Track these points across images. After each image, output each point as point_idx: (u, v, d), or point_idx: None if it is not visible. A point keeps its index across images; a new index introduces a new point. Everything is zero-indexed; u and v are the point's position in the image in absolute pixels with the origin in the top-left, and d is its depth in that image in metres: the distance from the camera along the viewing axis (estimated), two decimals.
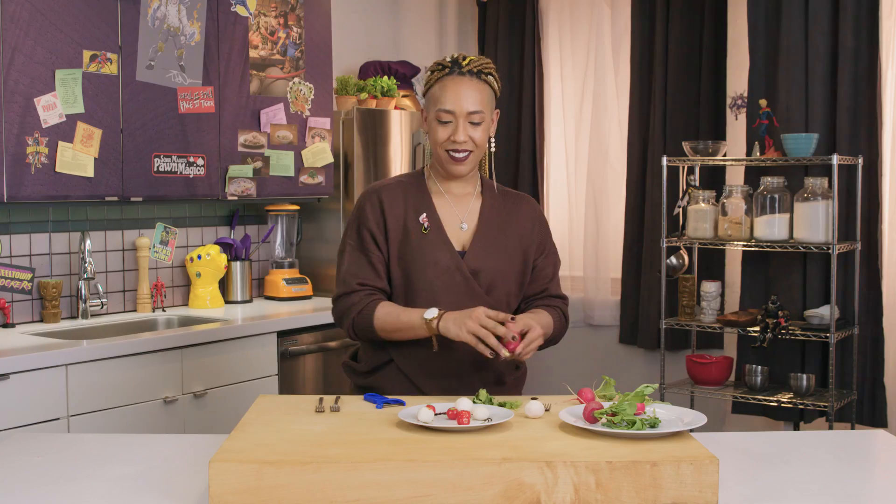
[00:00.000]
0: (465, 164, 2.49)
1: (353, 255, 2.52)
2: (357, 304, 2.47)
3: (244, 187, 4.14)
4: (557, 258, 2.68)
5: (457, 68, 2.46)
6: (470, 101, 2.44)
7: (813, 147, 4.22)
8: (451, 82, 2.46)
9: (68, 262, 3.94)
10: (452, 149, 2.46)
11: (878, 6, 4.26)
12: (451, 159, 2.48)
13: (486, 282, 2.50)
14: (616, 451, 1.87)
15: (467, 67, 2.46)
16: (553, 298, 2.62)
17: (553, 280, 2.64)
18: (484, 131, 2.48)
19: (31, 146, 3.46)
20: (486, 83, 2.48)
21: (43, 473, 2.07)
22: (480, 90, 2.46)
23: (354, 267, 2.51)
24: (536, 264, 2.61)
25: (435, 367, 2.47)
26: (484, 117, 2.46)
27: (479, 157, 2.51)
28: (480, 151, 2.51)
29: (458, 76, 2.46)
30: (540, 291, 2.61)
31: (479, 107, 2.45)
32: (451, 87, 2.45)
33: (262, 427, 2.07)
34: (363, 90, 4.72)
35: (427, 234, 2.50)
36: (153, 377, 3.48)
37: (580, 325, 5.43)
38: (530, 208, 2.64)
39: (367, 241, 2.51)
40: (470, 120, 2.45)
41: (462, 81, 2.45)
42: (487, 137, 2.52)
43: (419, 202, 2.54)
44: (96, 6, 3.62)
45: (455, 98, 2.44)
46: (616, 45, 5.25)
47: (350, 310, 2.48)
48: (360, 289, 2.49)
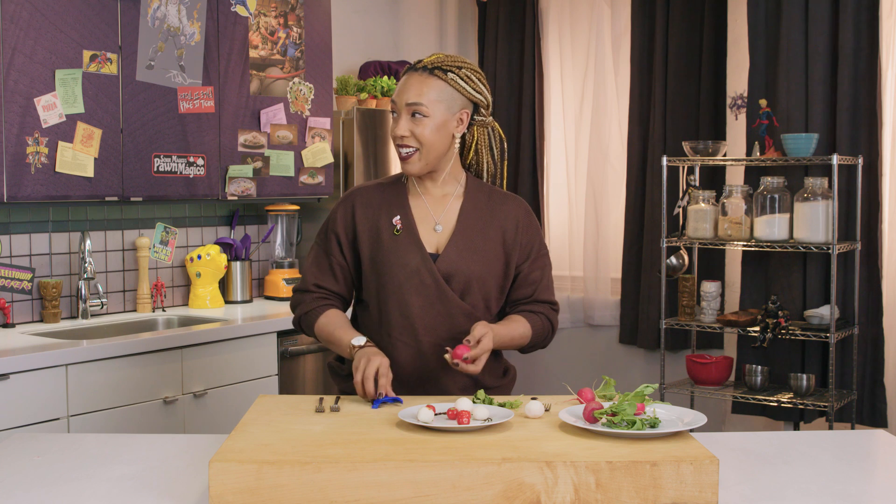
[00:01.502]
0: (411, 163, 2.42)
1: (317, 256, 2.56)
2: (306, 305, 2.53)
3: (244, 187, 4.14)
4: (547, 261, 2.57)
5: (417, 64, 2.44)
6: (412, 92, 2.38)
7: (813, 147, 4.22)
8: (405, 77, 2.44)
9: (68, 262, 3.94)
10: (397, 143, 2.43)
11: (878, 6, 4.26)
12: (399, 156, 2.45)
13: (459, 285, 2.44)
14: (616, 451, 1.87)
15: (422, 64, 2.42)
16: (539, 304, 2.53)
17: (541, 284, 2.53)
18: (430, 128, 2.38)
19: (31, 146, 3.46)
20: (441, 78, 2.39)
21: (43, 473, 2.07)
22: (429, 84, 2.38)
23: (315, 268, 2.55)
24: (522, 269, 2.52)
25: (406, 372, 2.46)
26: (428, 111, 2.37)
27: (430, 156, 2.42)
28: (431, 150, 2.41)
29: (413, 71, 2.43)
30: (527, 297, 2.52)
31: (419, 99, 2.37)
32: (402, 81, 2.43)
33: (262, 427, 2.07)
34: (363, 90, 4.72)
35: (398, 236, 2.46)
36: (153, 377, 3.48)
37: (580, 325, 5.43)
38: (515, 208, 2.54)
39: (333, 245, 2.52)
40: (411, 111, 2.38)
41: (412, 76, 2.41)
42: (443, 135, 2.41)
43: (395, 204, 2.50)
44: (96, 6, 3.62)
45: (400, 90, 2.41)
46: (616, 45, 5.25)
47: (300, 307, 2.55)
48: (315, 290, 2.53)
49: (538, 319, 2.52)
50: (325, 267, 2.53)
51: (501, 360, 2.61)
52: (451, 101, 2.41)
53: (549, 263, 2.59)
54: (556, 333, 2.61)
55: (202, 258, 4.23)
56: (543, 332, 2.54)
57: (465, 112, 2.45)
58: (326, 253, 2.53)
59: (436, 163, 2.45)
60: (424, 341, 2.44)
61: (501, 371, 2.60)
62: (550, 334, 2.58)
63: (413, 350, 2.44)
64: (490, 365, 2.51)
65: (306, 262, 2.58)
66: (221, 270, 4.29)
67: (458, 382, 2.47)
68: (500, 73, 5.51)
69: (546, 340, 2.57)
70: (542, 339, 2.55)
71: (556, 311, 2.57)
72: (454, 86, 2.41)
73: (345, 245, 2.51)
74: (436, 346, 2.44)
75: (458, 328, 2.44)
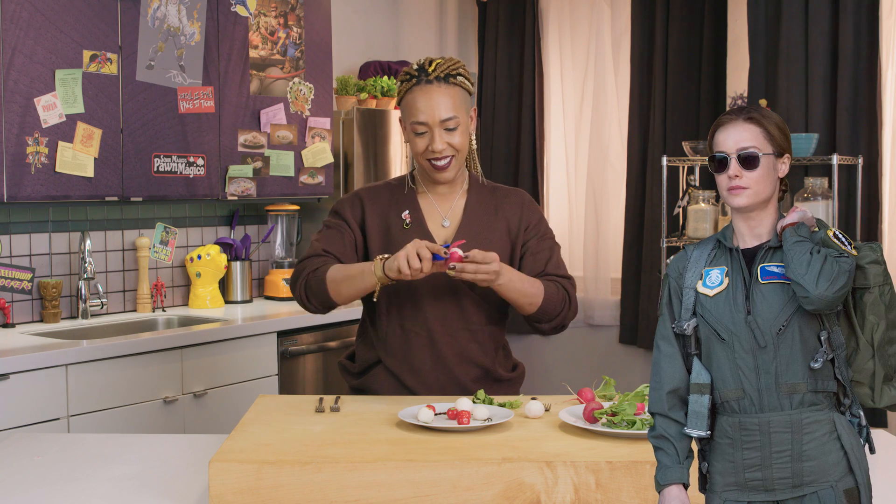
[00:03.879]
0: (449, 171, 2.47)
1: (325, 232, 2.54)
2: (314, 265, 2.47)
3: (244, 187, 4.15)
4: (555, 243, 2.58)
5: (424, 76, 2.42)
6: (442, 108, 2.40)
7: (813, 147, 4.22)
8: (421, 92, 2.42)
9: (68, 262, 3.94)
10: (433, 158, 2.44)
11: (878, 6, 4.25)
12: (433, 168, 2.46)
13: None
14: (616, 451, 1.87)
15: (434, 73, 2.42)
16: (553, 276, 2.51)
17: (552, 261, 2.53)
18: (462, 134, 2.44)
19: (31, 146, 3.46)
20: (457, 85, 2.44)
21: (43, 473, 2.07)
22: (451, 94, 2.42)
23: (324, 240, 2.52)
24: (529, 246, 2.53)
25: (419, 362, 2.47)
26: (459, 121, 2.43)
27: (462, 159, 2.49)
28: (462, 154, 2.48)
29: (427, 84, 2.42)
30: (539, 271, 2.51)
31: (452, 112, 2.41)
32: (421, 97, 2.41)
33: (262, 427, 2.07)
34: (363, 90, 4.72)
35: (408, 230, 2.49)
36: (153, 377, 3.49)
37: (580, 325, 5.43)
38: (518, 198, 2.59)
39: (342, 223, 2.53)
40: (445, 126, 2.41)
41: (431, 90, 2.41)
42: (468, 138, 2.48)
43: (402, 201, 2.54)
44: (96, 6, 3.62)
45: (427, 108, 2.40)
46: (616, 45, 5.25)
47: (305, 269, 2.48)
48: (324, 254, 2.49)
49: (552, 285, 2.48)
50: (334, 237, 2.52)
51: (511, 355, 2.66)
52: (467, 103, 2.48)
53: (558, 245, 2.59)
54: (575, 312, 2.52)
55: (202, 258, 4.23)
56: (559, 297, 2.47)
57: (474, 109, 2.53)
58: (335, 228, 2.53)
59: (462, 164, 2.52)
60: (436, 331, 2.46)
61: (511, 366, 2.63)
62: (568, 307, 2.50)
63: (425, 340, 2.47)
64: (500, 358, 2.56)
65: (311, 241, 2.56)
66: (221, 270, 4.29)
67: (471, 373, 2.49)
68: (500, 73, 5.51)
69: (564, 312, 2.49)
70: (557, 307, 2.47)
71: (574, 285, 2.53)
72: (466, 88, 2.48)
73: (353, 227, 2.53)
74: (448, 336, 2.46)
75: (469, 318, 2.48)
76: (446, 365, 2.47)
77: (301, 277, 2.48)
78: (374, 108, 4.72)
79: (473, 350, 2.49)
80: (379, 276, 2.34)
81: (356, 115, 4.55)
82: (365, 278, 2.37)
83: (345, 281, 2.40)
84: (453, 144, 2.43)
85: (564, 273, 2.54)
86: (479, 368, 2.51)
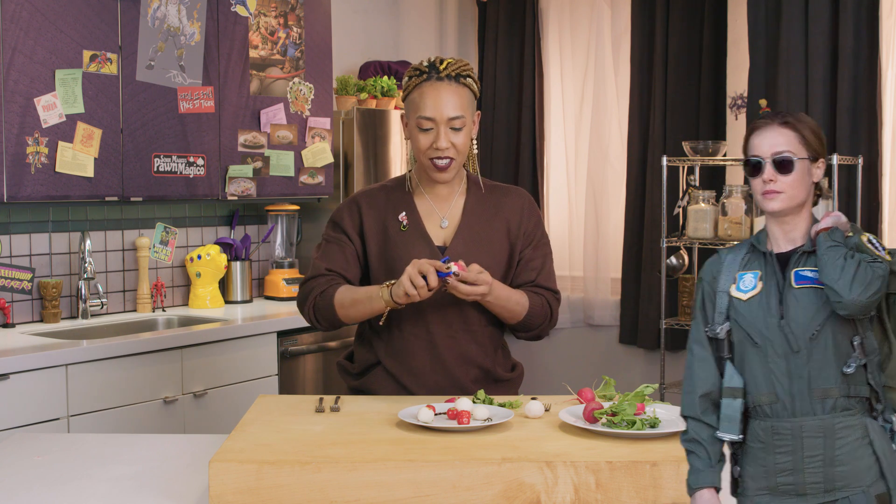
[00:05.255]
0: (449, 172, 2.47)
1: (326, 248, 2.54)
2: (320, 286, 2.48)
3: (244, 187, 4.15)
4: (549, 250, 2.60)
5: (434, 73, 2.43)
6: (450, 106, 2.41)
7: None
8: (430, 88, 2.42)
9: (68, 262, 3.94)
10: (435, 156, 2.44)
11: (878, 6, 4.26)
12: (434, 167, 2.46)
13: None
14: (616, 451, 1.87)
15: (445, 72, 2.42)
16: (541, 289, 2.55)
17: (543, 272, 2.56)
18: (465, 135, 2.45)
19: (31, 146, 3.46)
20: (465, 86, 2.45)
21: (43, 473, 2.07)
22: (460, 94, 2.43)
23: (325, 257, 2.53)
24: (524, 255, 2.55)
25: (418, 363, 2.47)
26: (465, 122, 2.43)
27: (461, 161, 2.49)
28: (463, 156, 2.48)
29: (437, 81, 2.42)
30: (529, 282, 2.54)
31: (460, 111, 2.42)
32: (430, 94, 2.42)
33: (262, 427, 2.07)
34: (363, 90, 4.72)
35: (406, 231, 2.50)
36: (153, 377, 3.48)
37: (580, 325, 5.43)
38: (519, 199, 2.59)
39: (341, 237, 2.53)
40: (451, 125, 2.42)
41: (441, 87, 2.42)
42: (469, 141, 2.49)
43: (400, 203, 2.54)
44: (96, 6, 3.62)
45: (435, 104, 2.41)
46: (616, 45, 5.25)
47: (312, 291, 2.49)
48: (328, 273, 2.51)
49: (538, 299, 2.52)
50: (336, 252, 2.53)
51: (509, 355, 2.66)
52: (473, 105, 2.48)
53: (551, 252, 2.61)
54: (554, 325, 2.58)
55: (202, 258, 4.23)
56: (542, 312, 2.52)
57: (478, 113, 2.53)
58: (335, 242, 2.54)
59: (461, 166, 2.53)
60: (436, 333, 2.47)
61: (510, 366, 2.63)
62: (549, 321, 2.55)
63: (425, 342, 2.47)
64: (500, 358, 2.56)
65: (312, 258, 2.57)
66: (221, 270, 4.29)
67: (470, 374, 2.50)
68: (500, 73, 5.51)
69: (543, 325, 2.54)
70: (538, 321, 2.52)
71: (558, 300, 2.58)
72: (473, 90, 2.48)
73: (353, 238, 2.53)
74: (448, 338, 2.46)
75: (469, 319, 2.48)
76: (446, 366, 2.47)
77: (308, 301, 2.50)
78: (374, 108, 4.72)
79: (473, 351, 2.49)
80: (386, 300, 2.36)
81: (356, 115, 4.55)
82: (373, 303, 2.40)
83: (353, 305, 2.44)
84: (456, 145, 2.44)
85: (553, 286, 2.57)
86: (479, 369, 2.51)
